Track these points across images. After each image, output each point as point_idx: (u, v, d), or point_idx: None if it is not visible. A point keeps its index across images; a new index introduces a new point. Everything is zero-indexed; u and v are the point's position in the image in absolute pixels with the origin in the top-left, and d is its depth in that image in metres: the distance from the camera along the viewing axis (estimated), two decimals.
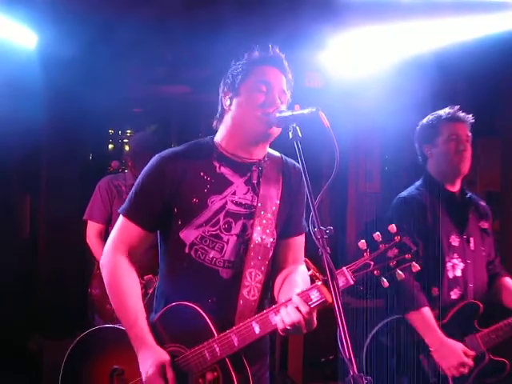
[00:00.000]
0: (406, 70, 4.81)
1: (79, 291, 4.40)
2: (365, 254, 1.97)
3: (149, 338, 2.18)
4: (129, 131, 6.59)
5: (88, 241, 4.19)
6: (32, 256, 5.54)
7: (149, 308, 2.38)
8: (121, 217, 2.32)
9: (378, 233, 1.96)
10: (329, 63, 5.22)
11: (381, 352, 2.98)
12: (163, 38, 4.78)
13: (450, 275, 3.02)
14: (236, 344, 2.08)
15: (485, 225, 3.21)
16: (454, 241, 3.06)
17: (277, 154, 2.39)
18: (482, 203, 3.28)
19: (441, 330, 2.91)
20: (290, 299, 2.02)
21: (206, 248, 2.23)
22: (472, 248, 3.10)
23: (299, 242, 2.39)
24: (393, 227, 1.96)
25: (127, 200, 2.33)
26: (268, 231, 2.26)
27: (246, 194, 2.28)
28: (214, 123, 2.39)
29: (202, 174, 2.26)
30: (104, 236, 4.15)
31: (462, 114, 3.15)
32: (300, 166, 2.09)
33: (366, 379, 1.64)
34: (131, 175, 4.22)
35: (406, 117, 5.45)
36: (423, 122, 3.26)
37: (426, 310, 2.91)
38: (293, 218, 2.36)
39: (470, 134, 3.14)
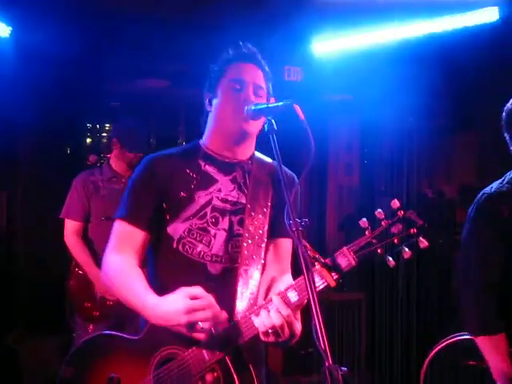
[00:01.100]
0: (385, 65, 4.83)
1: (57, 288, 4.36)
2: (366, 232, 1.87)
3: (160, 299, 2.09)
4: (107, 125, 6.54)
5: (65, 239, 4.14)
6: (9, 253, 5.49)
7: None
8: (118, 222, 2.28)
9: (379, 210, 1.85)
10: (308, 57, 5.22)
11: (442, 372, 2.64)
12: (142, 31, 4.74)
13: None
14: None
15: None
16: None
17: (269, 159, 2.38)
18: None
19: None
20: (271, 299, 2.00)
21: (193, 241, 2.22)
22: None
23: (286, 245, 2.36)
24: (395, 202, 1.82)
25: (122, 205, 2.30)
26: (261, 232, 2.25)
27: (231, 191, 2.29)
28: (202, 127, 2.40)
29: (188, 170, 2.27)
30: (82, 234, 4.12)
31: None
32: (293, 174, 2.09)
33: (341, 370, 1.62)
34: (108, 169, 4.18)
35: (386, 111, 5.51)
36: (509, 106, 2.69)
37: (501, 338, 2.45)
38: (282, 221, 2.35)
39: None
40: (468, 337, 2.53)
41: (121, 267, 2.23)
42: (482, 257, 2.51)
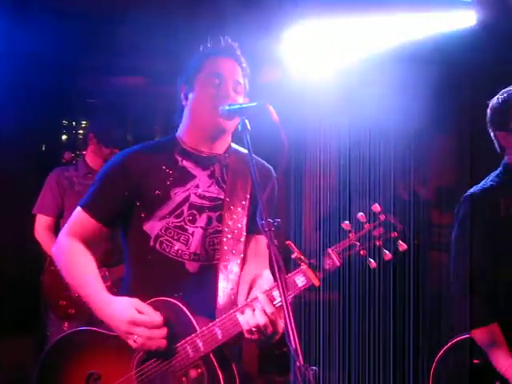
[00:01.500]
0: (363, 64, 4.85)
1: (32, 287, 4.31)
2: (350, 234, 1.95)
3: (113, 298, 2.15)
4: (83, 122, 6.48)
5: (37, 235, 4.11)
6: None
7: None
8: (78, 209, 2.30)
9: (361, 213, 1.94)
10: (286, 57, 5.22)
11: (450, 378, 2.62)
12: (119, 27, 4.70)
13: None
14: (220, 337, 2.05)
15: None
16: None
17: (245, 150, 2.38)
18: None
19: None
20: (256, 298, 2.02)
21: (170, 240, 2.21)
22: None
23: (264, 240, 2.38)
24: (376, 206, 1.93)
25: (87, 193, 2.32)
26: (239, 225, 2.26)
27: (209, 186, 2.28)
28: (174, 119, 2.38)
29: (164, 167, 2.27)
30: (54, 230, 4.08)
31: None
32: (270, 167, 2.12)
33: (312, 369, 1.64)
34: (83, 165, 4.15)
35: (364, 111, 5.53)
36: (493, 104, 2.73)
37: (493, 327, 2.52)
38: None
39: None
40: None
41: (74, 251, 2.25)
42: (472, 256, 2.55)
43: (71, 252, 2.25)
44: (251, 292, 2.22)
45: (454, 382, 2.58)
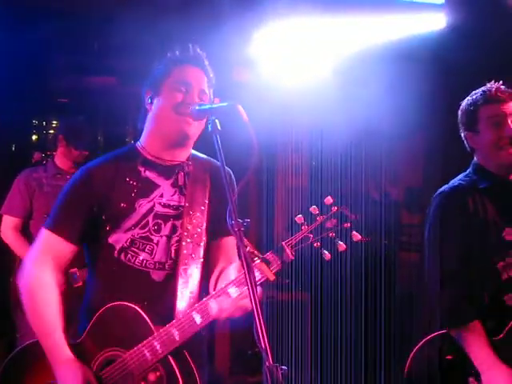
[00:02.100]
0: (335, 64, 4.88)
1: (1, 289, 4.25)
2: (302, 227, 1.95)
3: (67, 351, 2.11)
4: (54, 122, 6.41)
5: (3, 235, 4.06)
6: None
7: (77, 300, 2.34)
8: (44, 231, 2.26)
9: (314, 206, 1.94)
10: (258, 57, 5.23)
11: (425, 370, 2.58)
12: (90, 26, 4.67)
13: (504, 277, 2.55)
14: (177, 338, 2.04)
15: None
16: (509, 234, 2.57)
17: (203, 156, 2.39)
18: None
19: (495, 347, 2.45)
20: (231, 282, 2.03)
21: (136, 250, 2.21)
22: None
23: (231, 242, 2.36)
24: (329, 199, 1.94)
25: (51, 214, 2.28)
26: (199, 230, 2.25)
27: (173, 195, 2.28)
28: (139, 125, 2.38)
29: (127, 179, 2.25)
30: (22, 230, 4.04)
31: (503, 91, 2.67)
32: (229, 169, 2.12)
33: (281, 369, 1.65)
34: (53, 166, 4.12)
35: (335, 111, 5.56)
36: (463, 105, 2.79)
37: (475, 325, 2.48)
38: (224, 219, 2.35)
39: None
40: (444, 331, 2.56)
41: (37, 291, 2.20)
42: (446, 252, 2.59)
43: (35, 291, 2.19)
44: (217, 284, 2.24)
45: (428, 378, 2.56)
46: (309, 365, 5.03)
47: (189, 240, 2.23)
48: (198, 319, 2.05)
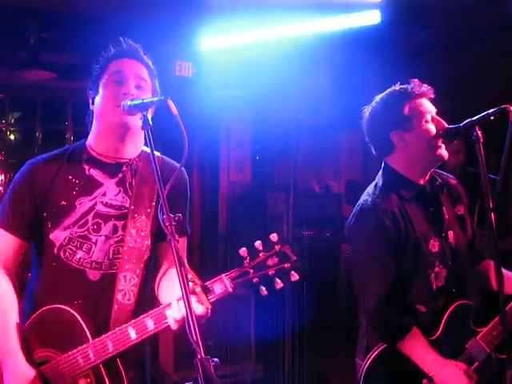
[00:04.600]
0: (275, 61, 4.91)
1: None
2: (245, 261, 1.97)
3: (19, 353, 2.09)
4: None
5: None
6: None
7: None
8: None
9: (259, 242, 1.97)
10: (200, 52, 5.22)
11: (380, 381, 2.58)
12: (26, 20, 4.57)
13: (434, 287, 2.59)
14: (111, 350, 2.04)
15: (460, 210, 2.77)
16: (434, 246, 2.62)
17: (157, 153, 2.28)
18: (453, 181, 2.80)
19: (435, 346, 2.50)
20: (169, 304, 2.00)
21: (73, 249, 2.19)
22: (452, 242, 2.66)
23: (179, 245, 2.36)
24: (274, 236, 1.97)
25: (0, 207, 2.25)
26: (143, 234, 2.23)
27: (116, 195, 2.25)
28: (88, 128, 2.35)
29: (70, 177, 2.22)
30: None
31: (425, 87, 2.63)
32: (177, 164, 2.10)
33: (213, 361, 1.67)
34: None
35: (276, 107, 5.61)
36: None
37: (413, 334, 2.50)
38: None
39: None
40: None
41: None
42: (377, 273, 2.57)
43: None
44: (160, 282, 2.25)
45: None
46: (253, 357, 5.06)
47: (131, 245, 2.21)
48: (133, 335, 2.04)
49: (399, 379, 2.53)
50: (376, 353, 2.56)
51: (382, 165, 2.72)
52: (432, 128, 2.57)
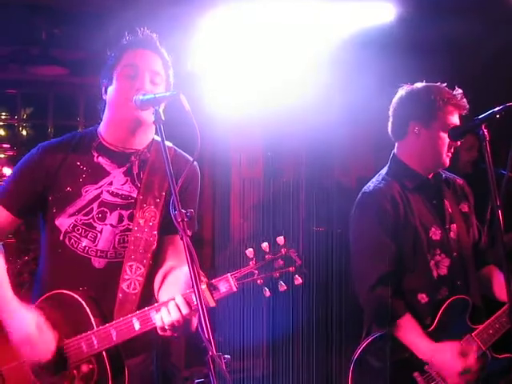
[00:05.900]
0: (286, 54, 4.88)
1: None
2: (251, 262, 1.99)
3: (15, 301, 2.14)
4: (3, 114, 6.27)
5: None
6: None
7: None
8: None
9: (266, 243, 1.98)
10: (210, 48, 5.20)
11: (369, 375, 2.62)
12: (38, 16, 4.58)
13: (435, 274, 2.65)
14: (114, 338, 2.06)
15: (464, 208, 2.83)
16: (435, 234, 2.67)
17: (169, 144, 2.32)
18: (459, 181, 2.90)
19: (430, 338, 2.55)
20: (173, 298, 2.00)
21: (78, 236, 2.21)
22: (456, 235, 2.73)
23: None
24: (281, 239, 1.99)
25: (2, 185, 2.29)
26: (151, 224, 2.24)
27: (123, 184, 2.26)
28: (100, 114, 2.36)
29: (78, 163, 2.24)
30: None
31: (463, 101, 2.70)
32: (190, 158, 2.11)
33: (225, 358, 1.68)
34: None
35: (288, 102, 5.58)
36: (424, 91, 2.73)
37: (406, 319, 2.56)
38: None
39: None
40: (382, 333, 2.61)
41: None
42: (375, 253, 2.64)
43: None
44: (163, 284, 2.23)
45: (374, 379, 2.61)
46: (265, 353, 5.06)
47: (138, 235, 2.22)
48: (136, 326, 2.05)
49: (389, 370, 2.56)
50: (368, 341, 2.63)
51: (391, 156, 2.84)
52: (446, 139, 2.66)
